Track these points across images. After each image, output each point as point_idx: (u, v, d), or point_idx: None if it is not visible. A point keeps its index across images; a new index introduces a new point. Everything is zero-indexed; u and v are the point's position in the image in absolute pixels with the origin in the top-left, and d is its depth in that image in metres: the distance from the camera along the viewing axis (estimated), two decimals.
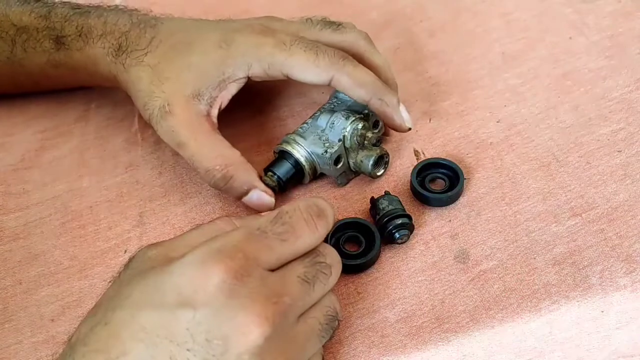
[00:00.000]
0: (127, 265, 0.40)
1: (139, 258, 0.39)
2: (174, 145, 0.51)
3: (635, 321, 0.45)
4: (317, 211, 0.41)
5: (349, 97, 0.52)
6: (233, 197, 0.52)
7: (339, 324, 0.41)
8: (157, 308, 0.35)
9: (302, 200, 0.41)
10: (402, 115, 0.52)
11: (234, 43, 0.51)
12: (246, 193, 0.50)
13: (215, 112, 0.52)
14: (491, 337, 0.44)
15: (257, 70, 0.51)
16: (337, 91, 0.54)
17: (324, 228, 0.41)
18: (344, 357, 0.44)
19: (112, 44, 0.53)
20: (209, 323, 0.35)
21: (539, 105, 0.58)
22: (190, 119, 0.51)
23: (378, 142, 0.53)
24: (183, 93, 0.51)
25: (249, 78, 0.52)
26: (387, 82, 0.53)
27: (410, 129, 0.52)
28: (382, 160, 0.53)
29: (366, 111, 0.52)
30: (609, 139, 0.54)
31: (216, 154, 0.50)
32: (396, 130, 0.53)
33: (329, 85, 0.51)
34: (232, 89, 0.52)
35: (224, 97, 0.52)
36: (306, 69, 0.50)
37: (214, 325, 0.35)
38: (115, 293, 0.38)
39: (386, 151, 0.52)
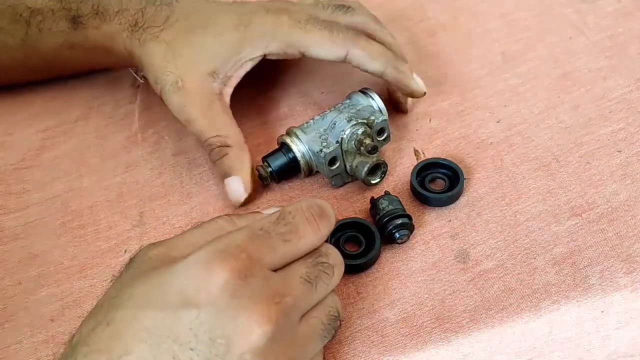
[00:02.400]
0: (128, 265, 0.40)
1: (140, 258, 0.39)
2: (182, 119, 0.52)
3: (635, 321, 0.45)
4: (319, 211, 0.41)
5: (367, 71, 0.53)
6: (219, 176, 0.53)
7: (340, 324, 0.41)
8: (160, 308, 0.36)
9: (303, 200, 0.41)
10: (419, 83, 0.55)
11: (250, 25, 0.52)
12: (226, 176, 0.52)
13: (229, 91, 0.53)
14: (491, 337, 0.44)
15: (274, 49, 0.52)
16: (352, 93, 0.54)
17: (326, 228, 0.41)
18: (344, 357, 0.44)
19: (129, 20, 0.54)
20: (213, 323, 0.35)
21: (539, 105, 0.58)
22: (202, 96, 0.52)
23: (374, 151, 0.52)
24: (198, 70, 0.52)
25: (264, 56, 0.53)
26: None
27: (425, 93, 0.55)
28: (378, 169, 0.52)
29: (372, 118, 0.52)
30: (609, 139, 0.54)
31: (220, 131, 0.52)
32: (413, 96, 0.55)
33: (344, 61, 0.52)
34: (247, 67, 0.53)
35: (239, 75, 0.53)
36: (322, 45, 0.52)
37: (217, 325, 0.35)
38: (117, 293, 0.38)
39: (384, 161, 0.52)
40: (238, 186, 0.52)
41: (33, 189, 0.57)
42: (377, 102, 0.53)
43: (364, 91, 0.54)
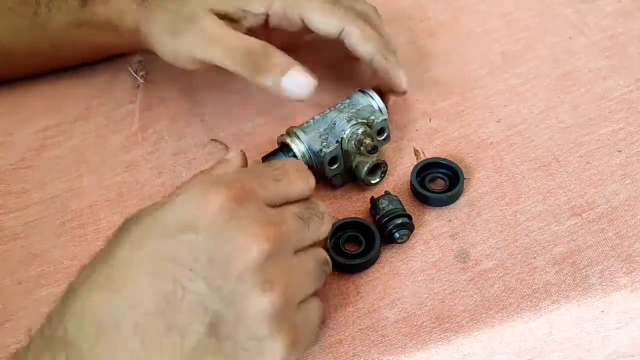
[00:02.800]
0: (119, 228, 0.39)
1: (127, 221, 0.39)
2: (203, 45, 0.51)
3: (635, 321, 0.45)
4: (306, 168, 0.43)
5: (357, 52, 0.53)
6: (272, 82, 0.50)
7: (330, 270, 0.43)
8: (159, 238, 0.36)
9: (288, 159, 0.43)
10: (403, 78, 0.54)
11: None
12: (287, 70, 0.49)
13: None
14: (491, 337, 0.44)
15: (277, 8, 0.53)
16: (353, 92, 0.54)
17: (312, 182, 0.43)
18: (344, 357, 0.44)
19: None
20: (211, 244, 0.36)
21: (539, 105, 0.58)
22: (217, 22, 0.52)
23: (374, 150, 0.52)
24: (207, 8, 0.52)
25: (267, 18, 0.53)
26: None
27: (406, 91, 0.54)
28: (378, 169, 0.52)
29: (372, 117, 0.52)
30: (609, 139, 0.54)
31: (252, 39, 0.51)
32: (394, 91, 0.55)
33: (338, 37, 0.53)
34: (251, 20, 0.54)
35: (242, 24, 0.53)
36: (323, 14, 0.52)
37: (216, 245, 0.36)
38: (114, 239, 0.38)
39: (384, 161, 0.52)
40: (303, 76, 0.50)
41: (33, 188, 0.57)
42: (377, 101, 0.53)
43: (363, 91, 0.54)
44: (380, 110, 0.53)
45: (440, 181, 0.53)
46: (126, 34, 0.56)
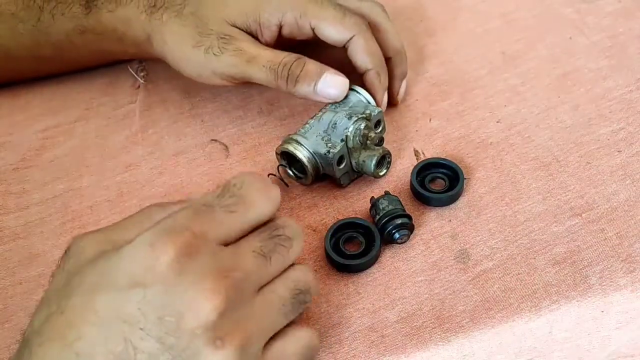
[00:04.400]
0: (66, 255, 0.39)
1: (77, 246, 0.39)
2: (243, 63, 0.52)
3: (635, 321, 0.45)
4: (266, 181, 0.40)
5: (355, 61, 0.55)
6: (306, 89, 0.52)
7: (310, 298, 0.40)
8: (109, 291, 0.35)
9: (246, 172, 0.40)
10: (384, 100, 0.56)
11: None
12: (320, 75, 0.52)
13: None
14: (491, 337, 0.44)
15: (289, 19, 0.54)
16: None
17: (276, 197, 0.40)
18: (344, 357, 0.44)
19: (147, 2, 0.55)
20: (160, 301, 0.35)
21: (539, 105, 0.58)
22: (250, 39, 0.54)
23: (380, 142, 0.54)
24: (229, 23, 0.53)
25: (280, 30, 0.54)
26: (397, 50, 0.57)
27: (381, 112, 0.54)
28: (384, 161, 0.53)
29: (368, 111, 0.52)
30: (609, 139, 0.54)
31: (285, 53, 0.53)
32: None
33: (344, 46, 0.54)
34: (266, 35, 0.55)
35: (261, 38, 0.55)
36: (333, 24, 0.54)
37: (165, 302, 0.35)
38: (65, 282, 0.37)
39: (388, 151, 0.52)
40: (334, 78, 0.52)
41: (33, 189, 0.57)
42: (364, 95, 0.53)
43: (350, 88, 0.54)
44: (370, 103, 0.53)
45: (440, 181, 0.53)
46: (132, 43, 0.56)
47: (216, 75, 0.54)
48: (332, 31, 0.54)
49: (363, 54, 0.54)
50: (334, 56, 0.55)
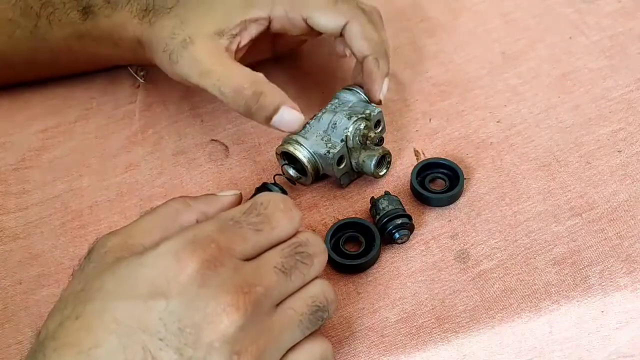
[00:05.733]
0: (88, 258, 0.39)
1: (99, 249, 0.39)
2: (196, 75, 0.51)
3: (635, 321, 0.45)
4: (291, 203, 0.41)
5: (353, 48, 0.53)
6: (261, 120, 0.51)
7: (329, 314, 0.40)
8: (129, 299, 0.35)
9: (272, 193, 0.41)
10: (383, 87, 0.54)
11: None
12: (276, 111, 0.50)
13: (233, 48, 0.53)
14: (491, 337, 0.44)
15: (279, 11, 0.53)
16: (338, 92, 0.54)
17: (299, 218, 0.40)
18: (344, 357, 0.44)
19: (140, 6, 0.54)
20: (182, 312, 0.35)
21: (539, 105, 0.58)
22: (212, 48, 0.52)
23: (380, 142, 0.54)
24: (204, 30, 0.52)
25: (270, 22, 0.53)
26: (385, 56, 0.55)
27: (380, 102, 0.54)
28: (384, 160, 0.52)
29: (368, 111, 0.52)
30: (609, 139, 0.54)
31: (243, 74, 0.51)
32: (369, 97, 0.54)
33: (340, 34, 0.53)
34: (252, 30, 0.54)
35: (244, 36, 0.53)
36: (326, 12, 0.52)
37: (186, 314, 0.35)
38: (83, 286, 0.37)
39: (388, 151, 0.52)
40: (291, 114, 0.50)
41: (33, 189, 0.57)
42: (364, 96, 0.53)
43: (349, 88, 0.54)
44: (369, 103, 0.53)
45: (440, 181, 0.53)
46: (127, 48, 0.56)
47: (184, 82, 0.53)
48: (325, 19, 0.52)
49: (359, 40, 0.52)
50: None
